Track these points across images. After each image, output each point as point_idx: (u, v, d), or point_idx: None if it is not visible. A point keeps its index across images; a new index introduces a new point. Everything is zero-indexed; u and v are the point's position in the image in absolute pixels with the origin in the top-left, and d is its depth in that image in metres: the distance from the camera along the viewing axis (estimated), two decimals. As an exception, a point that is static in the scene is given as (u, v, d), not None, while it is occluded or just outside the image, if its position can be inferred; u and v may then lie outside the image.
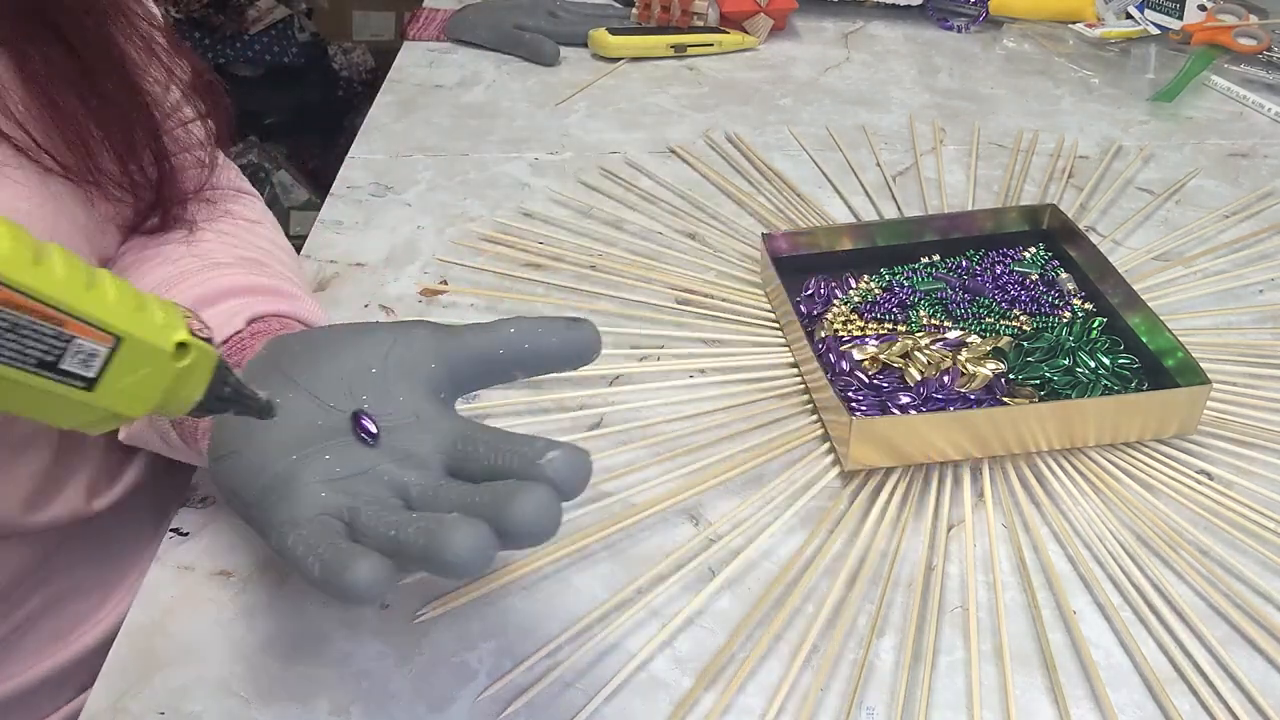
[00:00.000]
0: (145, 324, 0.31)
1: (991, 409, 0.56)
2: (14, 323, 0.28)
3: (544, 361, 0.40)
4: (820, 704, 0.46)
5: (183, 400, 0.33)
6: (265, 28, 1.85)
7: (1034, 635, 0.49)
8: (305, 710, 0.45)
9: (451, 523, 0.32)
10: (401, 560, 0.33)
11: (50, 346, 0.29)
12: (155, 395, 0.32)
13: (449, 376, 0.40)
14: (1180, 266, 0.71)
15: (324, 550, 0.33)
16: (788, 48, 1.03)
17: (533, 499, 0.33)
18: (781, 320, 0.65)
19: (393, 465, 0.37)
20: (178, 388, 0.33)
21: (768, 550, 0.52)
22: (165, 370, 0.32)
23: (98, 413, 0.31)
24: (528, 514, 0.32)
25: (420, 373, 0.39)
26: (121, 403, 0.31)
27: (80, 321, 0.30)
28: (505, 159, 0.83)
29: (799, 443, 0.57)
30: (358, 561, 0.32)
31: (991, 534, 0.53)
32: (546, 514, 0.33)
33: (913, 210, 0.77)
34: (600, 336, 0.41)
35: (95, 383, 0.30)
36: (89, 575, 0.59)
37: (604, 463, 0.56)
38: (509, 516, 0.32)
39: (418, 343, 0.40)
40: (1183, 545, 0.52)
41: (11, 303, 0.28)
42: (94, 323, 0.30)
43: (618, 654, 0.48)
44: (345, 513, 0.35)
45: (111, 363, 0.31)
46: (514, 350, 0.40)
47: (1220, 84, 0.95)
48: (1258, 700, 0.45)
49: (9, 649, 0.55)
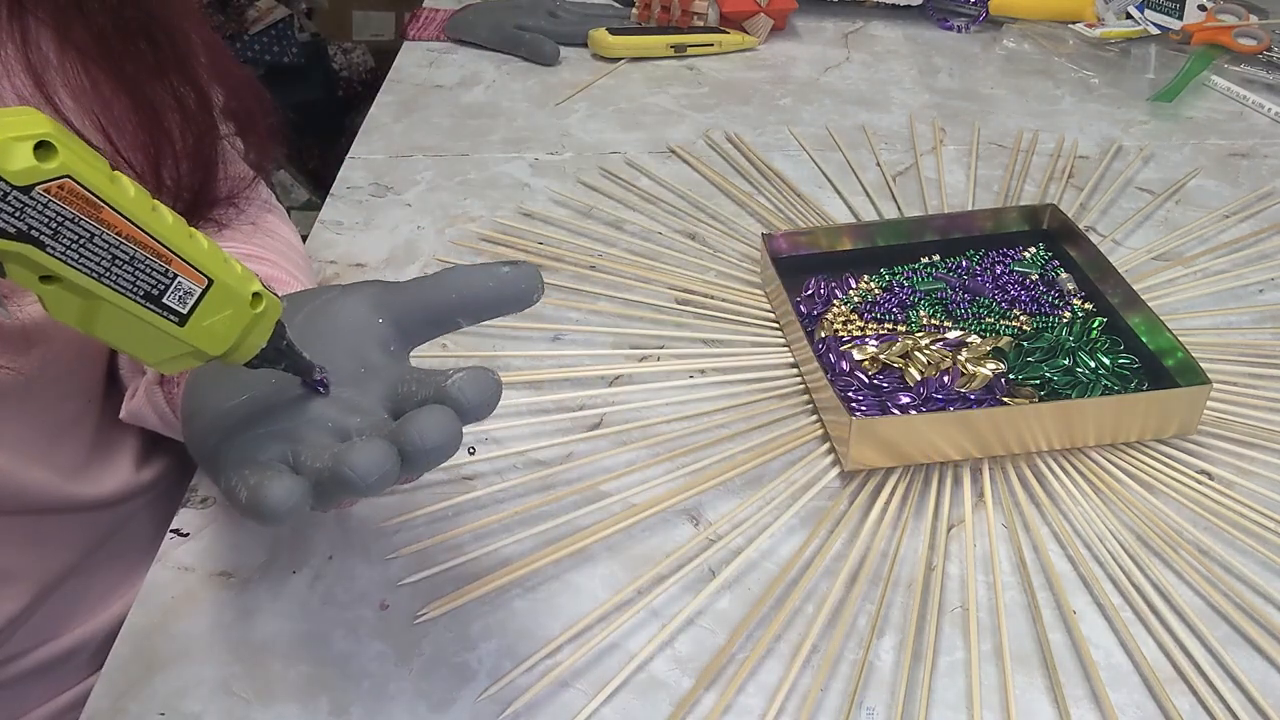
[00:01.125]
0: (231, 272, 0.35)
1: (991, 409, 0.56)
2: (132, 255, 0.32)
3: (485, 307, 0.42)
4: (820, 704, 0.46)
5: (250, 346, 0.37)
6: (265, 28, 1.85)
7: (1034, 635, 0.49)
8: (305, 710, 0.45)
9: (355, 444, 0.34)
10: (320, 486, 0.35)
11: (157, 281, 0.33)
12: (231, 336, 0.36)
13: (396, 330, 0.42)
14: (1180, 266, 0.71)
15: (252, 478, 0.36)
16: (788, 48, 1.03)
17: (430, 416, 0.35)
18: (781, 320, 0.65)
19: (338, 413, 0.39)
20: (249, 333, 0.36)
21: (768, 550, 0.52)
22: (243, 314, 0.36)
23: (182, 348, 0.35)
24: (423, 429, 0.34)
25: (368, 330, 0.42)
26: (204, 340, 0.35)
27: (184, 262, 0.33)
28: (505, 159, 0.83)
29: (799, 443, 0.57)
30: (273, 481, 0.34)
31: (991, 534, 0.53)
32: (439, 430, 0.35)
33: (913, 210, 0.77)
34: (541, 280, 0.42)
35: (186, 319, 0.34)
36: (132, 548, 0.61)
37: (604, 463, 0.56)
38: (406, 433, 0.35)
39: (365, 302, 0.42)
40: (1183, 545, 0.52)
41: (134, 238, 0.32)
42: (194, 264, 0.34)
43: (618, 654, 0.48)
44: (290, 456, 0.38)
45: (202, 302, 0.34)
46: (456, 297, 0.42)
47: (1220, 84, 0.95)
48: (1258, 700, 0.45)
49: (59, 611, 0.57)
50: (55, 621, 0.57)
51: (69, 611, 0.57)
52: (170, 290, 0.33)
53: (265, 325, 0.37)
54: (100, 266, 0.32)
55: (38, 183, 0.30)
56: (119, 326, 0.33)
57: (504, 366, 0.62)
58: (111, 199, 0.31)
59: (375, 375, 0.40)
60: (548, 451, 0.57)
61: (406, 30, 1.04)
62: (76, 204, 0.31)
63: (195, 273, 0.34)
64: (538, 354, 0.63)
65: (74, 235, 0.31)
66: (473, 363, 0.61)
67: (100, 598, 0.59)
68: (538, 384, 0.61)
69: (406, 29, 1.05)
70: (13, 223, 0.30)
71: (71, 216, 0.31)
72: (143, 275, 0.33)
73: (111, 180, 0.32)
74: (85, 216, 0.31)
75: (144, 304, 0.33)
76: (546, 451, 0.57)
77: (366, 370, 0.41)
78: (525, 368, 0.62)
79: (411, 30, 1.04)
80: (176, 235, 0.33)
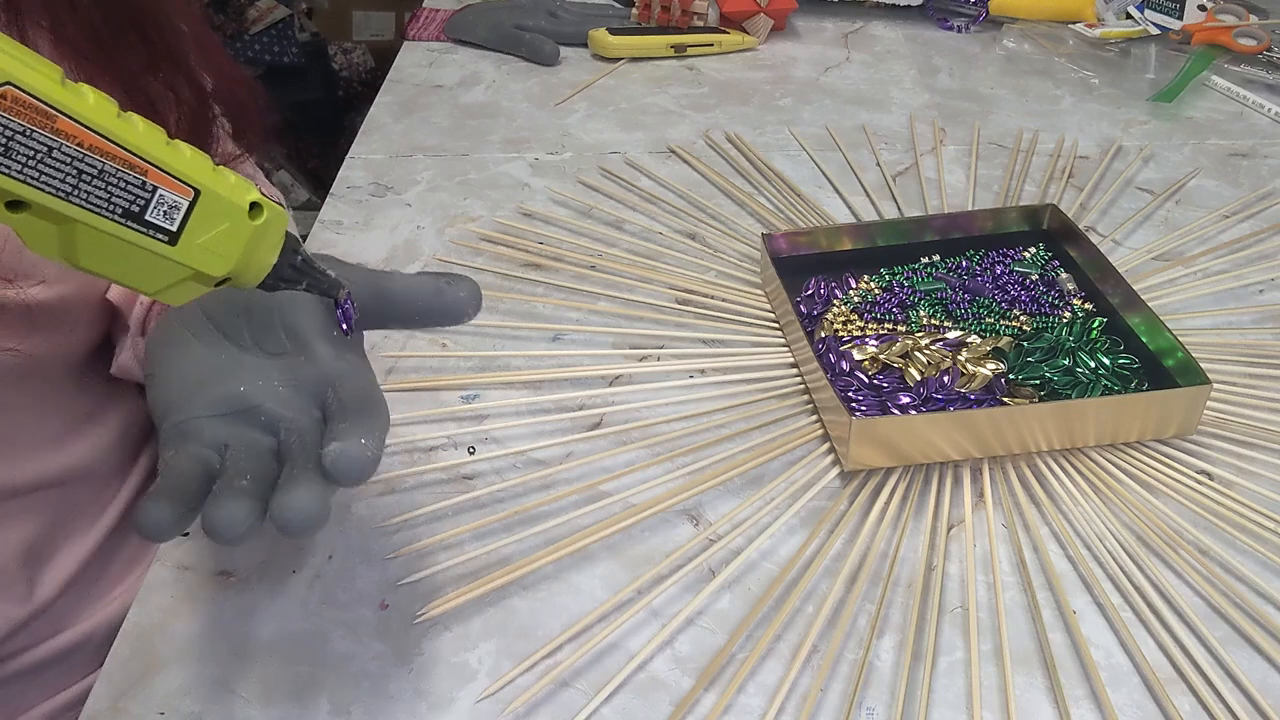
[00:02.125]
0: (221, 181, 0.32)
1: (991, 409, 0.56)
2: (100, 168, 0.29)
3: (424, 313, 0.43)
4: (820, 704, 0.46)
5: (259, 264, 0.34)
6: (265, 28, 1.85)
7: (1034, 635, 0.49)
8: (305, 710, 0.45)
9: (221, 500, 0.36)
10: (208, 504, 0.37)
11: (135, 196, 0.30)
12: (233, 253, 0.32)
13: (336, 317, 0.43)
14: (1180, 266, 0.71)
15: (164, 479, 0.37)
16: (788, 48, 1.03)
17: (295, 495, 0.36)
18: (781, 320, 0.65)
19: (275, 405, 0.40)
20: (253, 250, 0.33)
21: (768, 550, 0.52)
22: (242, 226, 0.32)
23: (179, 271, 0.32)
24: (287, 507, 0.36)
25: (313, 313, 0.42)
26: (201, 258, 0.32)
27: (162, 172, 0.30)
28: (505, 159, 0.83)
29: (799, 443, 0.57)
30: (150, 505, 0.36)
31: (991, 534, 0.53)
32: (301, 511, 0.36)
33: (913, 210, 0.77)
34: (479, 300, 0.43)
35: (177, 237, 0.31)
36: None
37: (604, 463, 0.56)
38: (275, 506, 0.36)
39: None
40: (1183, 545, 0.52)
41: (99, 149, 0.29)
42: (175, 174, 0.31)
43: (618, 654, 0.48)
44: (222, 448, 0.39)
45: (192, 216, 0.31)
46: (401, 295, 0.43)
47: (1220, 84, 0.95)
48: (1258, 700, 0.45)
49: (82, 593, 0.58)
50: (55, 619, 0.57)
51: (68, 609, 0.57)
52: (152, 205, 0.30)
53: (272, 239, 0.34)
54: (66, 184, 0.29)
55: None
56: (104, 252, 0.31)
57: (504, 366, 0.62)
58: (66, 106, 0.28)
59: (312, 362, 0.41)
60: (548, 451, 0.57)
61: (406, 30, 1.04)
62: (25, 114, 0.28)
63: (177, 183, 0.31)
64: (538, 354, 0.63)
65: (28, 150, 0.28)
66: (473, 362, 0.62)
67: (102, 594, 0.59)
68: (538, 384, 0.61)
69: (406, 29, 1.05)
70: None
71: (21, 129, 0.28)
72: (117, 190, 0.30)
73: (65, 87, 0.29)
74: (37, 128, 0.28)
75: (124, 223, 0.30)
76: (546, 451, 0.57)
77: (306, 357, 0.41)
78: (525, 368, 0.62)
79: (411, 30, 1.04)
80: (150, 143, 0.30)
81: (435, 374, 0.62)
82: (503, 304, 0.67)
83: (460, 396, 0.60)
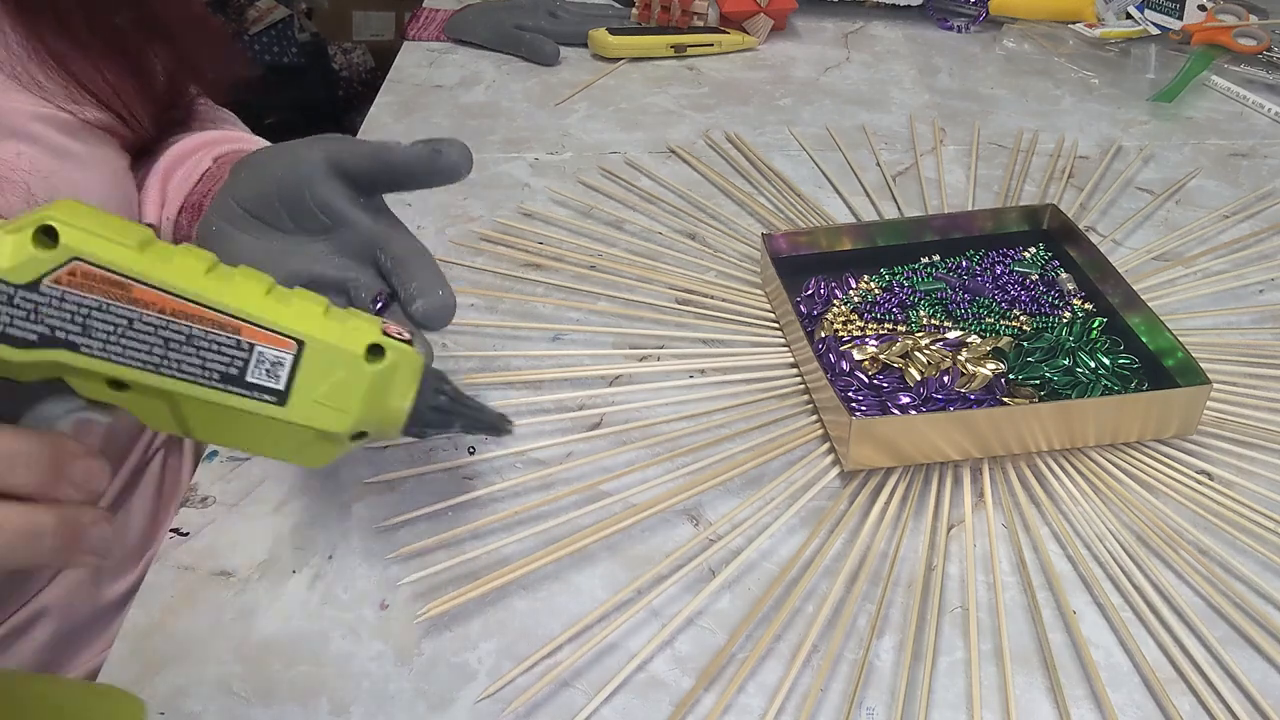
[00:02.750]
0: (331, 327, 0.29)
1: (991, 409, 0.56)
2: (188, 334, 0.27)
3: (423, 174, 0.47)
4: (820, 704, 0.46)
5: (392, 411, 0.31)
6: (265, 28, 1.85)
7: (1034, 635, 0.49)
8: (305, 710, 0.45)
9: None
10: None
11: (231, 357, 0.28)
12: (354, 405, 0.29)
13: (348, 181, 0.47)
14: (1180, 266, 0.71)
15: None
16: (788, 48, 1.03)
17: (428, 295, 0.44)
18: (781, 320, 0.65)
19: (335, 272, 0.46)
20: (379, 398, 0.30)
21: (768, 550, 0.52)
22: (358, 375, 0.29)
23: (300, 432, 0.29)
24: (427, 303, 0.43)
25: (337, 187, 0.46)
26: (318, 416, 0.29)
27: (256, 327, 0.28)
28: (505, 159, 0.83)
29: (799, 443, 0.57)
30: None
31: (991, 534, 0.53)
32: (442, 299, 0.44)
33: (913, 210, 0.77)
34: (469, 155, 0.47)
35: (287, 395, 0.28)
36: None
37: (604, 463, 0.56)
38: (418, 309, 0.43)
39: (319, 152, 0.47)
40: (1183, 545, 0.52)
41: (184, 312, 0.27)
42: (272, 327, 0.28)
43: (618, 654, 0.48)
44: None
45: (299, 370, 0.28)
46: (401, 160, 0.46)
47: (1220, 84, 0.95)
48: (1258, 700, 0.45)
49: None
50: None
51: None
52: (251, 364, 0.28)
53: (402, 382, 0.31)
54: (154, 356, 0.27)
55: (43, 275, 0.25)
56: (215, 422, 0.28)
57: (504, 366, 0.62)
58: (141, 273, 0.26)
59: (356, 232, 0.46)
60: (548, 451, 0.57)
61: (406, 30, 1.04)
62: (98, 288, 0.26)
63: (276, 336, 0.28)
64: (538, 354, 0.63)
65: (107, 325, 0.26)
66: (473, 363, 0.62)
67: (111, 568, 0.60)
68: (538, 384, 0.61)
69: (406, 29, 1.05)
70: (30, 328, 0.25)
71: (97, 304, 0.26)
72: (210, 354, 0.27)
73: (142, 249, 0.26)
74: (113, 300, 0.26)
75: (224, 388, 0.27)
76: (546, 451, 0.57)
77: (348, 227, 0.46)
78: (525, 368, 0.62)
79: (411, 30, 1.04)
80: (243, 296, 0.27)
81: (435, 374, 0.62)
82: (503, 304, 0.67)
83: (460, 396, 0.60)
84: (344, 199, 0.46)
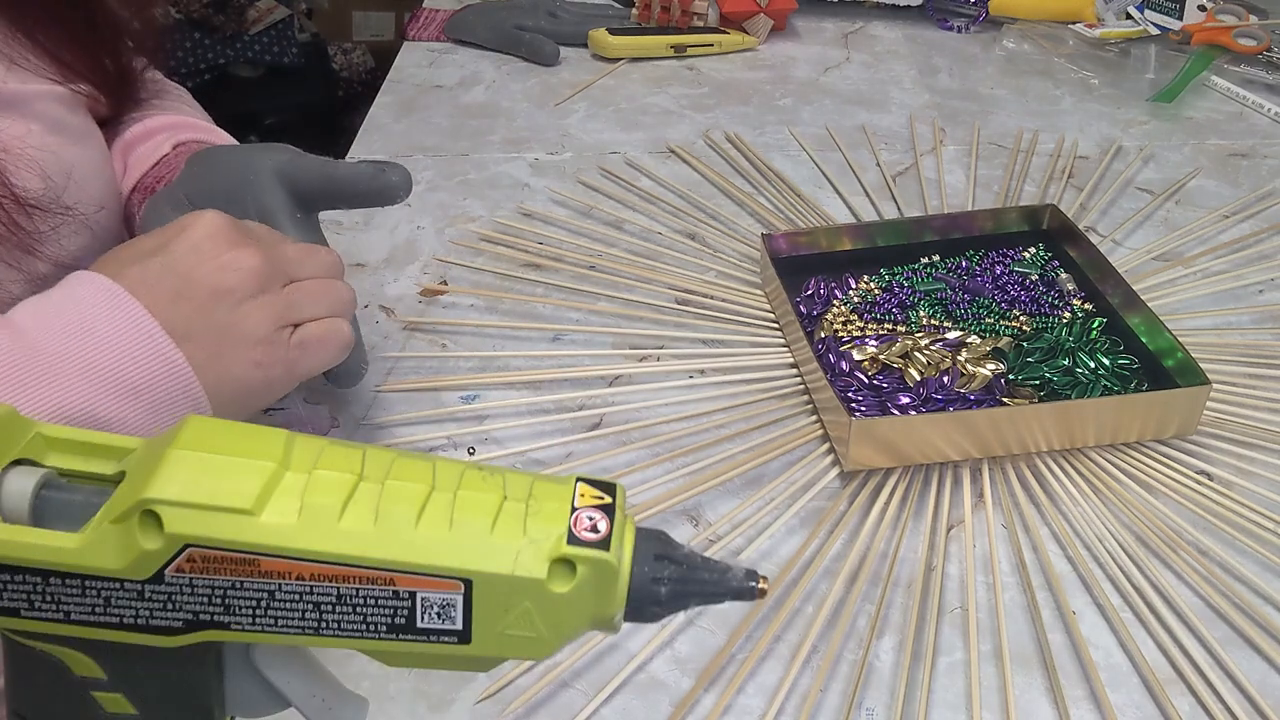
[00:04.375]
0: (499, 553, 0.24)
1: (991, 409, 0.56)
2: (336, 594, 0.24)
3: (363, 195, 0.51)
4: (820, 704, 0.46)
5: (605, 620, 0.26)
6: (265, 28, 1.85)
7: (1034, 635, 0.49)
8: (305, 710, 0.45)
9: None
10: None
11: (394, 609, 0.24)
12: (548, 632, 0.25)
13: (294, 196, 0.51)
14: (1180, 266, 0.71)
15: None
16: (788, 48, 1.03)
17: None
18: (781, 320, 0.65)
19: None
20: (580, 612, 0.25)
21: (767, 551, 0.52)
22: (547, 601, 0.25)
23: (494, 659, 0.26)
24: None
25: (277, 194, 0.50)
26: (511, 647, 0.25)
27: (409, 574, 0.24)
28: (505, 159, 0.83)
29: (799, 443, 0.57)
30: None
31: (991, 534, 0.53)
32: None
33: (913, 210, 0.77)
34: (409, 180, 0.51)
35: (468, 634, 0.25)
36: None
37: (604, 463, 0.56)
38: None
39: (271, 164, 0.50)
40: (1182, 545, 0.52)
41: (323, 575, 0.23)
42: (426, 571, 0.24)
43: (618, 654, 0.48)
44: None
45: (474, 606, 0.24)
46: (345, 178, 0.50)
47: (1220, 84, 0.95)
48: (1257, 700, 0.45)
49: None
50: None
51: None
52: (418, 611, 0.24)
53: (606, 589, 0.25)
54: (307, 620, 0.24)
55: (161, 568, 0.23)
56: (405, 658, 0.25)
57: (504, 367, 0.62)
58: (262, 544, 0.23)
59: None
60: (548, 451, 0.57)
61: (406, 30, 1.04)
62: (221, 568, 0.23)
63: (436, 580, 0.24)
64: (538, 354, 0.63)
65: (249, 602, 0.24)
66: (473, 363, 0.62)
67: None
68: (538, 384, 0.61)
69: (406, 29, 1.05)
70: (172, 616, 0.23)
71: (228, 584, 0.23)
72: (370, 610, 0.24)
73: (254, 516, 0.23)
74: (244, 577, 0.23)
75: (396, 638, 0.25)
76: (546, 451, 0.57)
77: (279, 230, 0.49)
78: (525, 368, 0.62)
79: (411, 30, 1.04)
80: (383, 542, 0.24)
81: (435, 374, 0.62)
82: (503, 304, 0.67)
83: (460, 397, 0.60)
84: (284, 211, 0.50)
